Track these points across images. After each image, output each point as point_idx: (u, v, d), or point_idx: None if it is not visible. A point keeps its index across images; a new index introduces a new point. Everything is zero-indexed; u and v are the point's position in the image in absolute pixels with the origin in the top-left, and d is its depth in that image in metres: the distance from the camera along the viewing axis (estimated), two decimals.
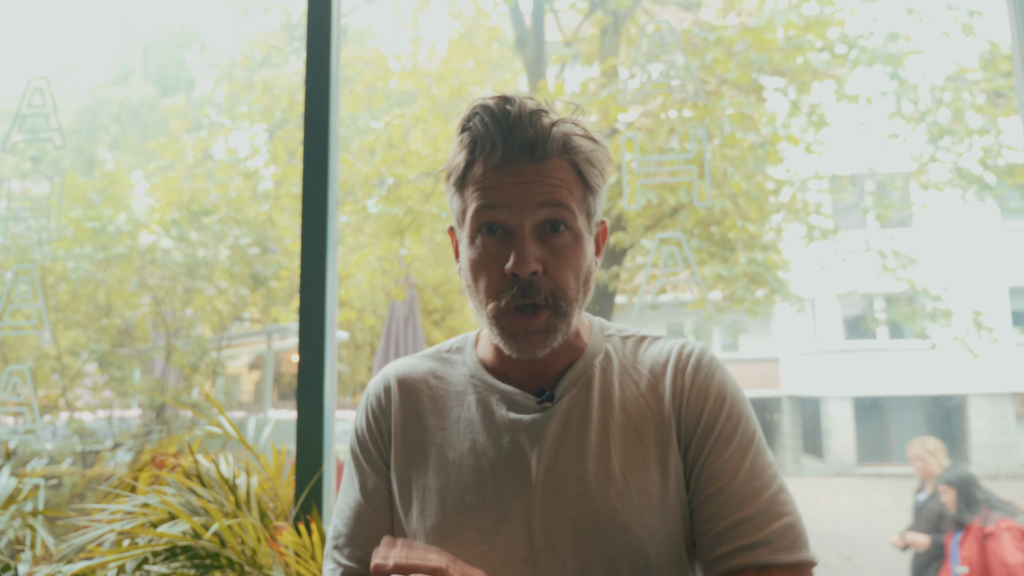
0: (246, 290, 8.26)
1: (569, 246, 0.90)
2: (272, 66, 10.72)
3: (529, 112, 0.89)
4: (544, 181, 0.88)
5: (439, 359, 1.05)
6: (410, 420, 0.98)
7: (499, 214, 0.88)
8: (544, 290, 0.88)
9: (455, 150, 0.93)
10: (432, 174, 9.50)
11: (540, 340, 0.89)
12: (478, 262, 0.90)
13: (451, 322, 19.54)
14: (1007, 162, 8.37)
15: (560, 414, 0.93)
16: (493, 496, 0.90)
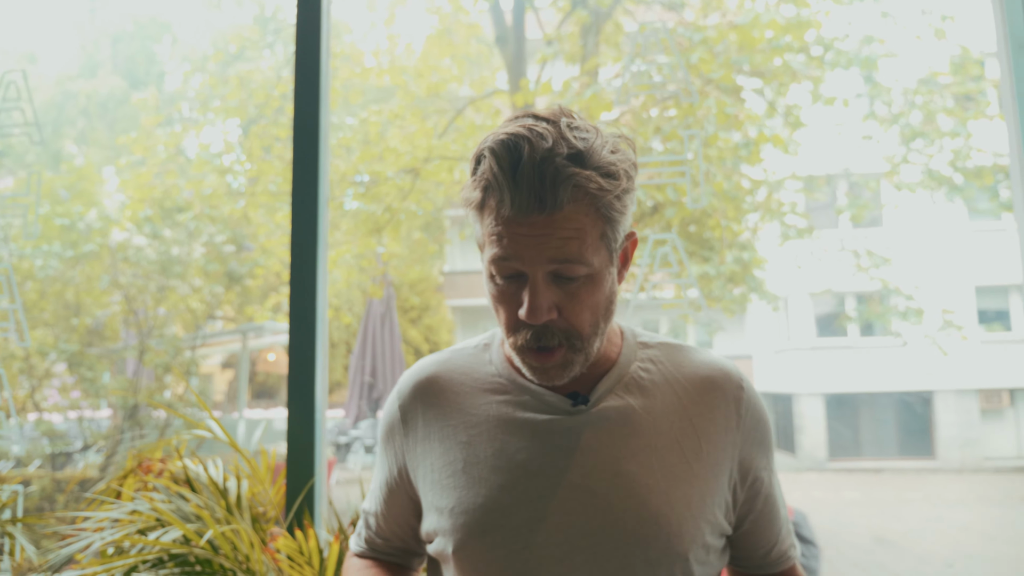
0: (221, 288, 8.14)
1: (584, 288, 0.87)
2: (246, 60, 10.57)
3: (539, 160, 0.82)
4: (555, 234, 0.83)
5: (468, 355, 1.03)
6: (436, 419, 0.98)
7: (512, 265, 0.85)
8: (559, 332, 0.87)
9: (470, 181, 0.89)
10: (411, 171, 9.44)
11: (557, 374, 0.89)
12: (496, 299, 0.89)
13: (428, 320, 19.47)
14: (976, 164, 8.53)
15: (599, 419, 0.92)
16: (526, 496, 0.89)
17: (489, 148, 0.85)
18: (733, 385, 0.97)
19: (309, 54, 1.94)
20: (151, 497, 1.55)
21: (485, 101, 10.44)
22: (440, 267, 19.88)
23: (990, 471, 14.33)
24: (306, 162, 1.90)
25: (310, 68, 1.93)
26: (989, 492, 11.39)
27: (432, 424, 0.98)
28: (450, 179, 10.29)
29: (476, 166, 0.87)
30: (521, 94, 6.71)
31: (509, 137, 0.84)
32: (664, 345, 1.01)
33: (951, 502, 10.46)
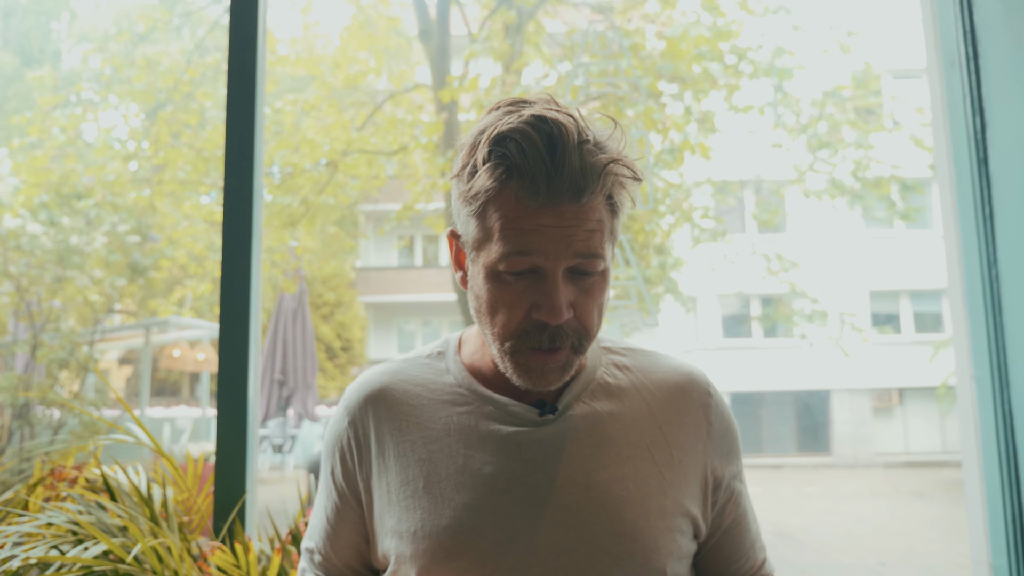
0: (123, 280, 7.69)
1: (598, 285, 0.83)
2: (153, 42, 10.03)
3: (576, 145, 0.77)
4: (583, 226, 0.79)
5: (419, 364, 0.96)
6: (390, 438, 0.90)
7: (533, 259, 0.79)
8: (571, 333, 0.82)
9: (479, 169, 0.80)
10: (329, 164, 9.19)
11: (556, 377, 0.83)
12: (500, 299, 0.82)
13: (340, 316, 19.07)
14: (875, 175, 9.04)
15: (567, 428, 0.87)
16: (494, 516, 0.83)
17: (520, 130, 0.77)
18: (701, 391, 0.94)
19: (244, 36, 1.83)
20: (66, 508, 1.42)
21: (405, 96, 10.29)
22: (352, 263, 19.50)
23: (881, 466, 15.23)
24: (240, 149, 1.80)
25: (245, 51, 1.82)
26: (880, 486, 12.09)
27: (386, 440, 0.90)
28: (368, 173, 10.09)
29: (495, 151, 0.79)
30: (447, 90, 6.63)
31: (539, 122, 0.78)
32: (630, 350, 0.97)
33: (846, 496, 11.05)
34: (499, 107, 0.85)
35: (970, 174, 1.66)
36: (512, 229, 0.79)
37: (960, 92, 1.68)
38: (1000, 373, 1.62)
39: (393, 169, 10.28)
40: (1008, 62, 1.57)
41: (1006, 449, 1.59)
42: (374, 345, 21.04)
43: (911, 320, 16.39)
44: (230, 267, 1.75)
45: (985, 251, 1.64)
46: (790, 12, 7.74)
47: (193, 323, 9.19)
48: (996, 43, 1.60)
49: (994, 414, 1.62)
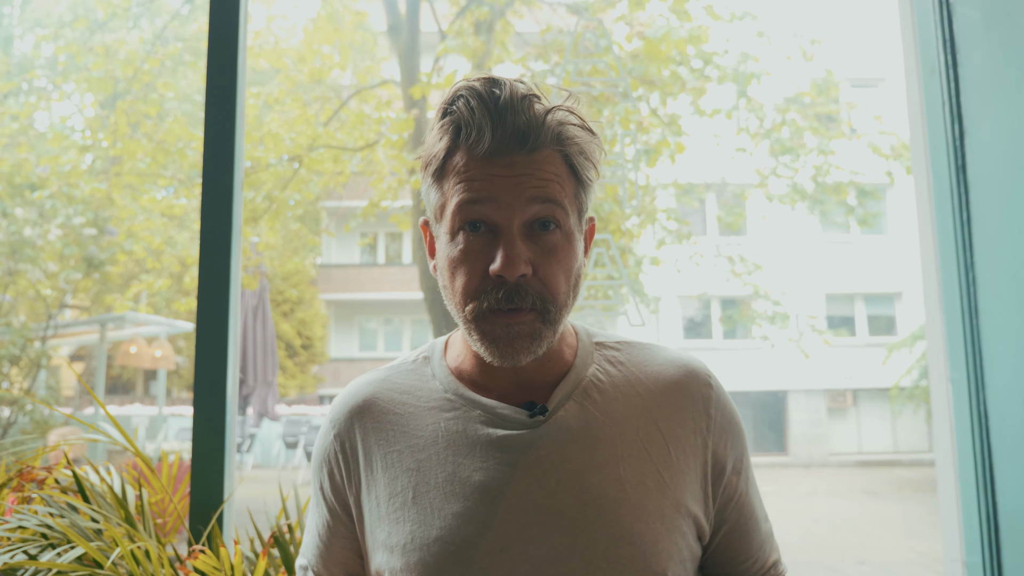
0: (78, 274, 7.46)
1: (560, 245, 0.80)
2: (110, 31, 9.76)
3: (521, 97, 0.79)
4: (535, 175, 0.78)
5: (405, 371, 0.93)
6: (378, 448, 0.87)
7: (485, 209, 0.78)
8: (532, 293, 0.78)
9: (434, 136, 0.82)
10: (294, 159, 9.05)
11: (524, 345, 0.79)
12: (458, 259, 0.80)
13: (301, 314, 18.81)
14: (834, 180, 9.24)
15: (558, 430, 0.83)
16: (486, 523, 0.80)
17: (466, 87, 0.80)
18: (701, 383, 0.89)
19: (225, 20, 1.78)
20: (34, 509, 1.36)
21: (371, 92, 10.19)
22: (314, 260, 19.26)
23: (835, 466, 15.58)
24: (220, 140, 1.74)
25: (226, 36, 1.77)
26: (835, 485, 12.37)
27: (373, 452, 0.87)
28: (333, 169, 9.97)
29: (445, 113, 0.82)
30: (419, 86, 6.58)
31: (486, 79, 0.80)
32: (623, 344, 0.94)
33: (802, 495, 11.27)
34: None
35: (948, 180, 1.70)
36: (464, 182, 0.79)
37: (939, 99, 1.72)
38: (976, 375, 1.65)
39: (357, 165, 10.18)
40: (987, 70, 1.61)
41: (981, 449, 1.63)
42: (335, 343, 20.81)
43: (865, 323, 16.81)
44: (208, 263, 1.70)
45: (962, 255, 1.68)
46: (756, 18, 7.87)
47: (150, 319, 8.97)
48: (975, 52, 1.63)
49: (969, 415, 1.65)
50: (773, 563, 0.95)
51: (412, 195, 8.15)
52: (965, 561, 1.66)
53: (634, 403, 0.87)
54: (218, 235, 1.70)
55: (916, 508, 9.77)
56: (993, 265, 1.61)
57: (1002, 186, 1.57)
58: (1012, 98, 1.52)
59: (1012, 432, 1.54)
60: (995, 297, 1.60)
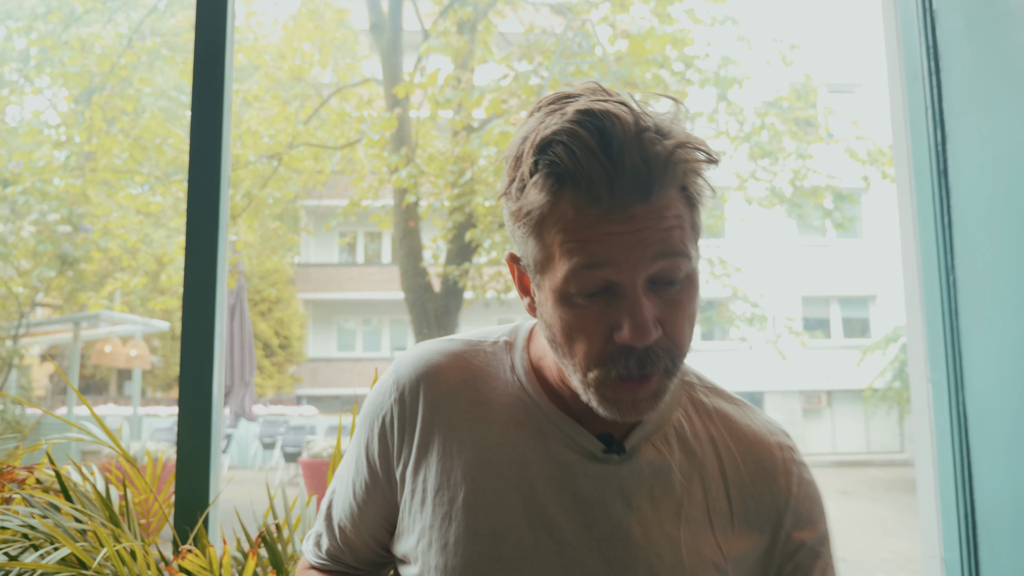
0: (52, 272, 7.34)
1: (685, 293, 0.72)
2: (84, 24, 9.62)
3: (636, 135, 0.67)
4: (657, 226, 0.68)
5: (482, 352, 0.86)
6: (439, 429, 0.81)
7: (605, 274, 0.68)
8: (663, 354, 0.71)
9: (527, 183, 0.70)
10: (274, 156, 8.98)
11: (648, 406, 0.72)
12: (576, 325, 0.71)
13: (279, 313, 18.67)
14: (812, 184, 9.36)
15: (628, 473, 0.77)
16: (533, 549, 0.76)
17: (567, 130, 0.67)
18: (785, 458, 0.82)
19: (211, 13, 1.76)
20: (14, 509, 1.34)
21: (352, 90, 10.14)
22: (292, 259, 19.12)
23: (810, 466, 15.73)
24: (207, 134, 1.73)
25: (212, 29, 1.75)
26: None
27: (433, 431, 0.81)
28: (313, 167, 9.91)
29: (541, 159, 0.69)
30: (402, 85, 6.55)
31: (587, 117, 0.67)
32: (715, 392, 0.86)
33: None
34: (540, 107, 0.74)
35: (930, 184, 1.73)
36: (575, 242, 0.68)
37: (922, 104, 1.74)
38: (955, 375, 1.68)
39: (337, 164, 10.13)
40: (969, 77, 1.64)
41: (960, 448, 1.66)
42: (313, 343, 20.67)
43: (840, 325, 17.03)
44: (194, 261, 1.68)
45: (943, 258, 1.71)
46: (736, 23, 7.95)
47: (125, 318, 8.85)
48: (958, 58, 1.66)
49: (949, 414, 1.68)
50: None
51: (393, 194, 8.15)
52: (943, 558, 1.69)
53: (710, 462, 0.81)
54: (204, 233, 1.68)
55: (888, 507, 9.91)
56: (973, 268, 1.64)
57: (982, 190, 1.60)
58: (993, 105, 1.55)
59: (990, 431, 1.57)
60: (975, 299, 1.63)
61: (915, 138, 1.78)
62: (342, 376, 20.18)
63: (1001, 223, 1.54)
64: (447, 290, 7.73)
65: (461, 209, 7.27)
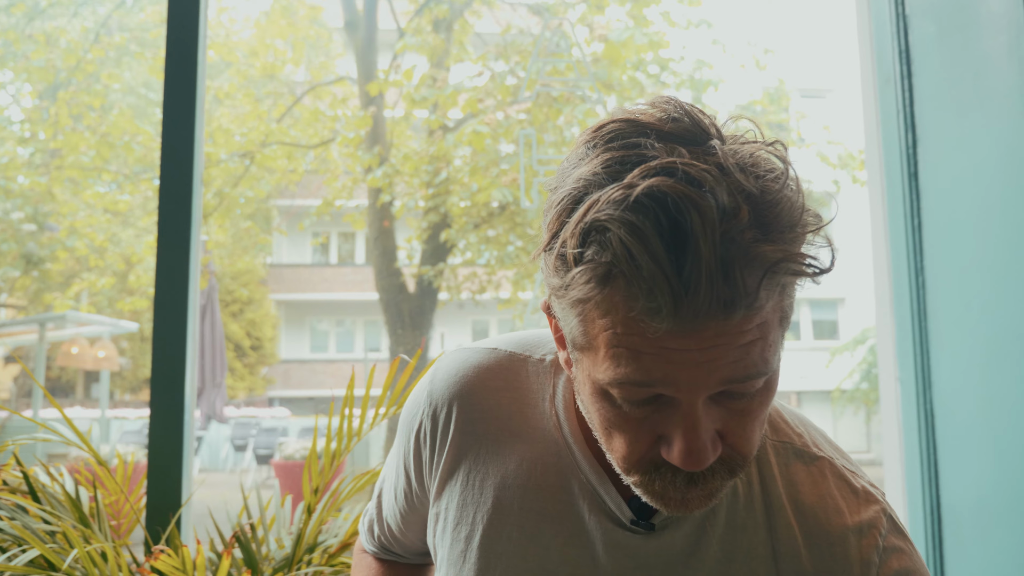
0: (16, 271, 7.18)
1: (758, 401, 0.58)
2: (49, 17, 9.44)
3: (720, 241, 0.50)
4: (733, 343, 0.53)
5: (523, 373, 0.76)
6: (465, 456, 0.75)
7: (658, 390, 0.55)
8: (721, 468, 0.60)
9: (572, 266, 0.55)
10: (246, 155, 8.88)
11: (700, 504, 0.61)
12: (614, 424, 0.59)
13: (250, 314, 18.45)
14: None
15: (660, 548, 0.68)
16: None
17: (623, 222, 0.51)
18: (864, 545, 0.67)
19: (184, 8, 1.73)
20: None
21: (326, 88, 10.07)
22: (264, 259, 18.92)
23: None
24: (179, 131, 1.70)
25: (185, 24, 1.73)
26: None
27: (460, 457, 0.74)
28: (285, 166, 9.82)
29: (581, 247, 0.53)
30: (376, 83, 6.52)
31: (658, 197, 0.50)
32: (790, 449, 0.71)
33: None
34: (598, 142, 0.57)
35: (901, 187, 1.76)
36: (623, 348, 0.54)
37: (894, 108, 1.78)
38: (923, 375, 1.71)
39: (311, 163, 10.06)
40: (940, 81, 1.67)
41: (927, 446, 1.69)
42: (285, 344, 20.46)
43: (810, 327, 17.28)
44: (166, 260, 1.66)
45: (913, 260, 1.74)
46: (711, 26, 8.03)
47: (92, 318, 8.70)
48: (929, 63, 1.70)
49: (916, 413, 1.72)
50: None
51: (368, 194, 8.10)
52: None
53: (763, 542, 0.67)
54: (176, 231, 1.66)
55: None
56: (942, 269, 1.68)
57: (952, 194, 1.63)
58: (963, 109, 1.58)
59: (957, 430, 1.61)
60: (943, 300, 1.66)
61: (887, 141, 1.81)
62: (315, 377, 20.01)
63: (970, 226, 1.58)
64: (422, 291, 7.70)
65: (436, 209, 7.26)
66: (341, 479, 1.51)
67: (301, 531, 1.38)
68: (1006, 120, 1.46)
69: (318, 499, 1.39)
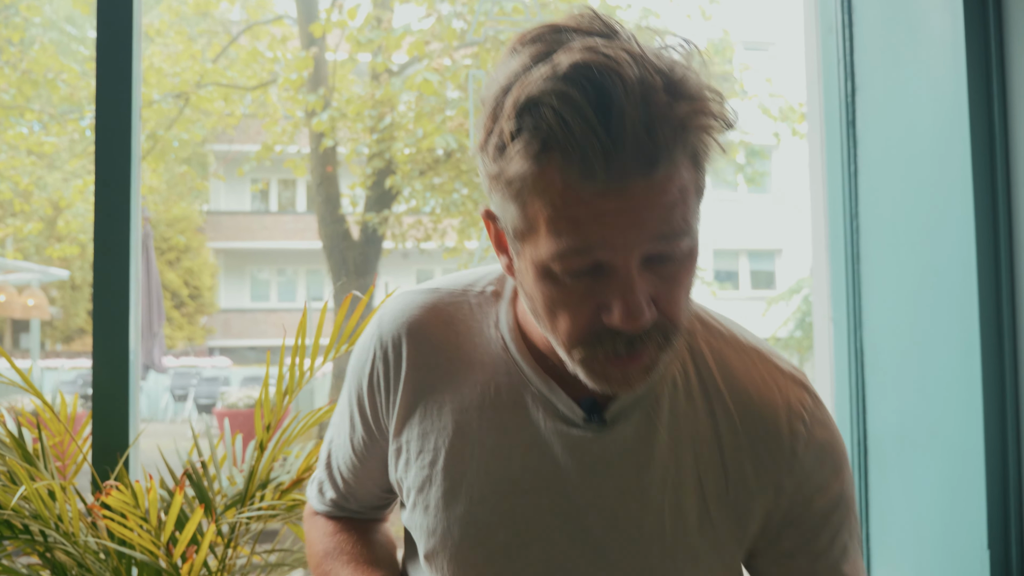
0: None
1: (684, 267, 0.64)
2: None
3: (641, 98, 0.56)
4: (659, 201, 0.59)
5: (468, 305, 0.80)
6: (421, 389, 0.78)
7: (595, 255, 0.61)
8: (655, 331, 0.64)
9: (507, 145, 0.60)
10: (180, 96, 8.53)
11: (640, 379, 0.66)
12: (558, 302, 0.64)
13: (188, 263, 17.95)
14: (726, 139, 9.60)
15: (612, 441, 0.73)
16: (512, 516, 0.74)
17: (554, 92, 0.57)
18: (792, 417, 0.74)
19: None
20: None
21: (264, 28, 9.69)
22: (200, 206, 18.35)
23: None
24: (115, 63, 1.63)
25: None
26: None
27: (416, 391, 0.78)
28: (222, 109, 9.47)
29: (523, 119, 0.59)
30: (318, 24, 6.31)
31: (582, 74, 0.57)
32: (717, 332, 0.78)
33: None
34: (523, 43, 0.63)
35: (840, 134, 1.82)
36: (563, 220, 0.60)
37: (835, 57, 1.82)
38: (855, 315, 1.80)
39: (249, 107, 9.73)
40: (879, 30, 1.72)
41: (856, 381, 1.79)
42: (225, 293, 20.04)
43: (748, 277, 17.77)
44: (105, 200, 1.61)
45: (848, 206, 1.81)
46: None
47: (20, 265, 8.35)
48: (870, 12, 1.74)
49: (847, 351, 1.81)
50: None
51: (309, 139, 7.90)
52: None
53: (703, 421, 0.74)
54: (117, 171, 1.61)
55: None
56: (875, 215, 1.75)
57: (887, 140, 1.70)
58: (900, 58, 1.64)
59: (884, 366, 1.70)
60: (875, 244, 1.74)
61: (827, 90, 1.86)
62: (256, 327, 19.70)
63: (903, 172, 1.65)
64: (366, 238, 7.61)
65: (380, 155, 7.13)
66: (292, 418, 1.52)
67: (253, 468, 1.39)
68: (941, 69, 1.52)
69: (270, 436, 1.40)
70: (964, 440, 1.43)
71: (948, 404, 1.48)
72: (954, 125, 1.47)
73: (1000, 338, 1.41)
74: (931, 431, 1.54)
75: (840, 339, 1.84)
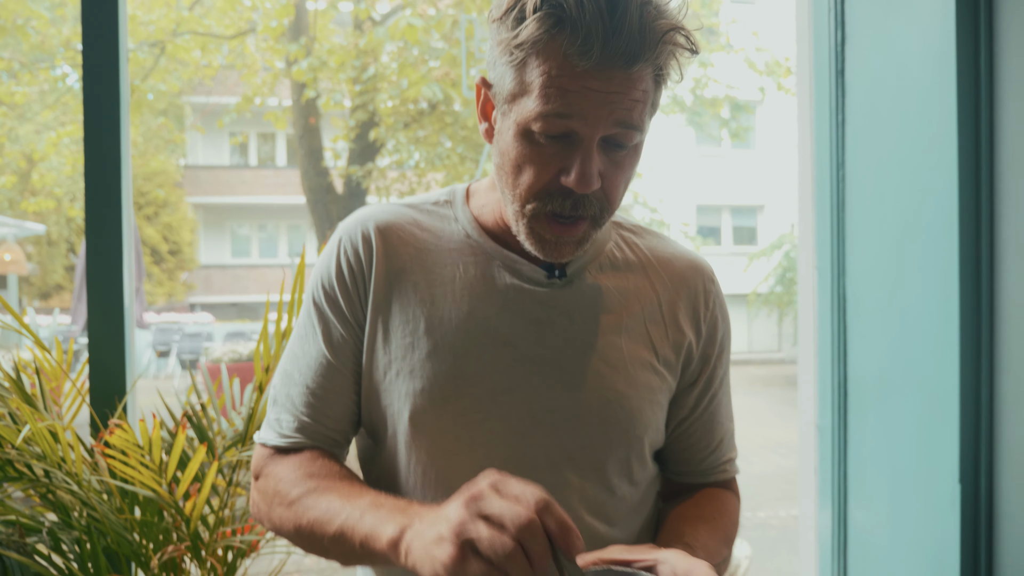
0: None
1: (629, 158, 0.80)
2: None
3: (640, 5, 0.72)
4: (628, 94, 0.75)
5: (425, 211, 0.92)
6: (393, 272, 0.87)
7: (571, 124, 0.75)
8: (595, 203, 0.79)
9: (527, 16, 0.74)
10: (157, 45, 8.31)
11: (571, 250, 0.82)
12: (528, 158, 0.78)
13: (166, 218, 17.72)
14: (711, 94, 9.57)
15: (572, 293, 0.88)
16: (493, 365, 0.84)
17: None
18: (704, 278, 0.95)
19: None
20: None
21: None
22: (178, 160, 18.04)
23: None
24: (102, 8, 1.60)
25: None
26: None
27: (388, 276, 0.86)
28: (199, 59, 9.25)
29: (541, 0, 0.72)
30: None
31: None
32: (640, 229, 0.98)
33: None
34: None
35: (828, 83, 1.83)
36: (554, 88, 0.74)
37: (825, 6, 1.83)
38: (838, 262, 1.84)
39: (227, 57, 9.50)
40: None
41: (838, 326, 1.84)
42: (205, 249, 19.85)
43: (730, 233, 17.86)
44: (96, 150, 1.60)
45: (836, 154, 1.84)
46: None
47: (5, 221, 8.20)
48: None
49: (831, 297, 1.85)
50: (727, 460, 1.00)
51: (291, 90, 7.75)
52: (817, 424, 1.90)
53: (642, 283, 0.92)
54: (107, 119, 1.59)
55: (765, 401, 10.77)
56: (861, 164, 1.78)
57: (875, 90, 1.71)
58: (890, 6, 1.65)
59: (865, 310, 1.75)
60: (860, 193, 1.77)
61: (817, 39, 1.87)
62: (238, 283, 19.59)
63: (890, 121, 1.67)
64: (350, 192, 7.54)
65: (364, 107, 7.03)
66: None
67: (253, 409, 1.41)
68: (930, 18, 1.53)
69: (269, 377, 1.42)
70: (939, 382, 1.48)
71: (926, 348, 1.53)
72: (942, 76, 1.49)
73: (978, 285, 1.46)
74: (908, 373, 1.59)
75: (824, 286, 1.88)
